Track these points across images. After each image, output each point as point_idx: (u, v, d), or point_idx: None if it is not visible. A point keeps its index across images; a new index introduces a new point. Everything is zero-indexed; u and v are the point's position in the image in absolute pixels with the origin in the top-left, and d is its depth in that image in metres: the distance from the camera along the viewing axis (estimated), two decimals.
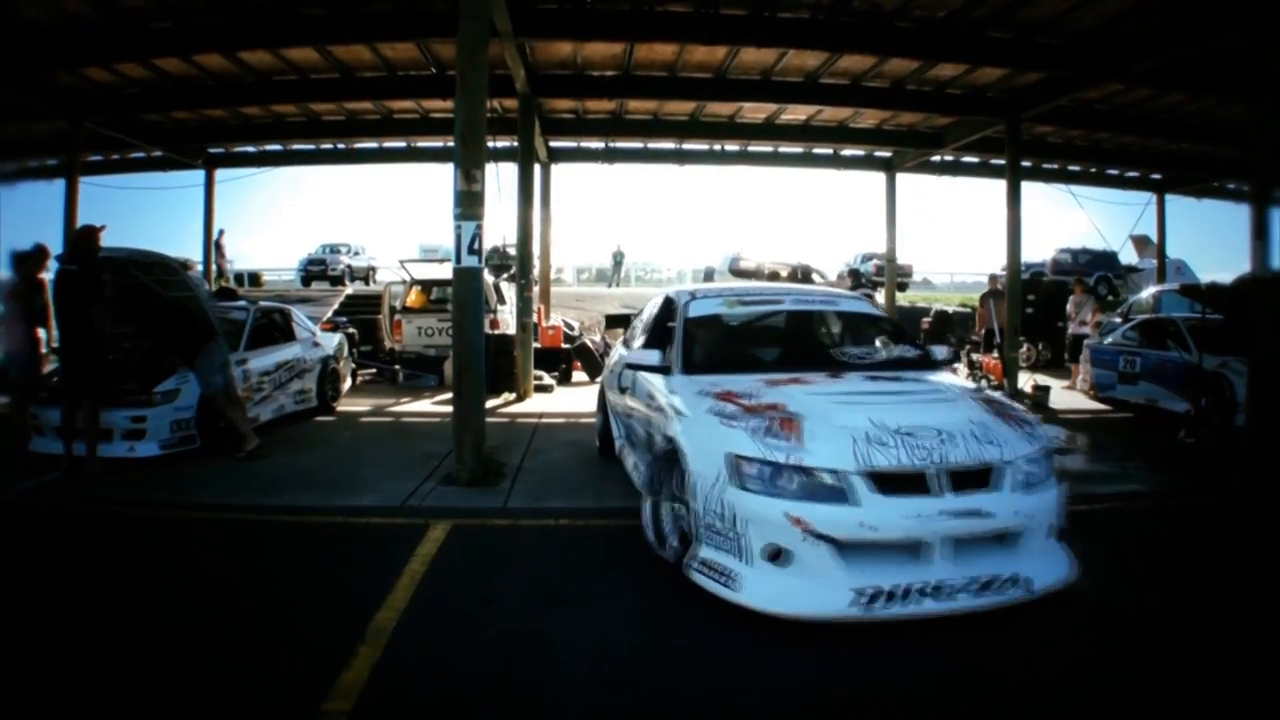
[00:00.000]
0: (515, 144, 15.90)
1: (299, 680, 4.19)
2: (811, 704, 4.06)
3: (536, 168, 17.62)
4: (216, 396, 9.55)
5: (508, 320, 16.71)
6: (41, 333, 9.22)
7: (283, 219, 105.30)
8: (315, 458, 9.66)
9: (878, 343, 7.72)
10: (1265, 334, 9.66)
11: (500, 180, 16.30)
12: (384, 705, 3.98)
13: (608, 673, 4.35)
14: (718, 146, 21.36)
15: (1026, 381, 15.17)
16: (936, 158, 21.38)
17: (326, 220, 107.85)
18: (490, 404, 12.37)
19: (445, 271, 15.06)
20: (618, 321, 17.40)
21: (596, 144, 21.33)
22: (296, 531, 6.92)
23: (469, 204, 8.49)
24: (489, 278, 16.28)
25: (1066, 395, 15.64)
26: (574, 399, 14.81)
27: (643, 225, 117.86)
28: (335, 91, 15.99)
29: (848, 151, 21.97)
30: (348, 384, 14.03)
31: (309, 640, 4.70)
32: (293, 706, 3.95)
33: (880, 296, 23.24)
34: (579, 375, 17.56)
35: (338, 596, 5.38)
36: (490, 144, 9.56)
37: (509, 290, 17.52)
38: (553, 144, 20.35)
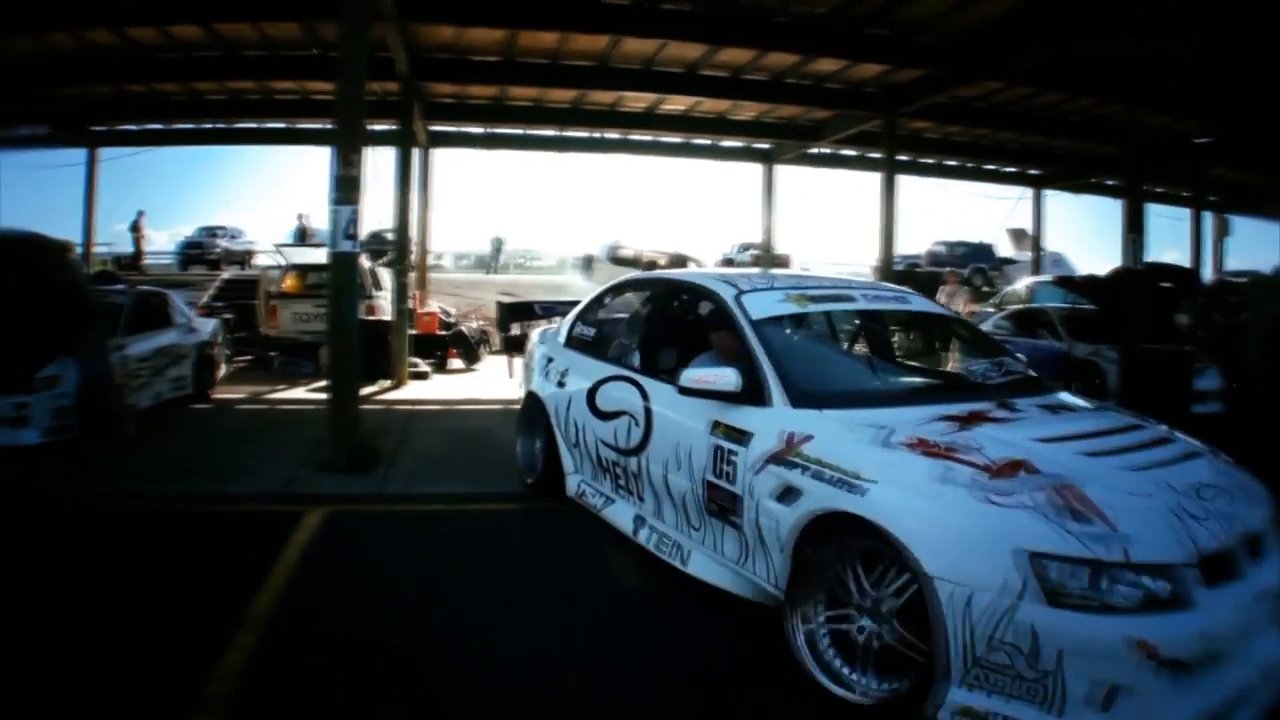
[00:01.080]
0: (395, 128, 15.76)
1: (179, 666, 4.14)
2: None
3: (416, 152, 17.50)
4: (97, 383, 9.29)
5: (384, 306, 16.52)
6: None
7: (164, 201, 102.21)
8: (192, 445, 9.47)
9: (979, 354, 5.97)
10: (1136, 324, 10.13)
11: (379, 164, 16.17)
12: (264, 687, 3.98)
13: (489, 655, 4.40)
14: (599, 135, 21.47)
15: None
16: (815, 150, 21.86)
17: (206, 203, 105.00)
18: (366, 391, 12.28)
19: (322, 256, 14.87)
20: (519, 312, 15.93)
21: (477, 129, 21.29)
22: (173, 519, 6.77)
23: (346, 188, 8.40)
24: (366, 263, 16.11)
25: None
26: (451, 386, 14.80)
27: (523, 212, 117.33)
28: (218, 70, 15.66)
29: (727, 143, 22.35)
30: (224, 370, 13.74)
31: (188, 627, 4.62)
32: (174, 691, 3.91)
33: None
34: (455, 362, 17.44)
35: (215, 583, 5.31)
36: (370, 127, 9.49)
37: (386, 276, 17.36)
38: (433, 128, 20.19)
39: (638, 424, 5.73)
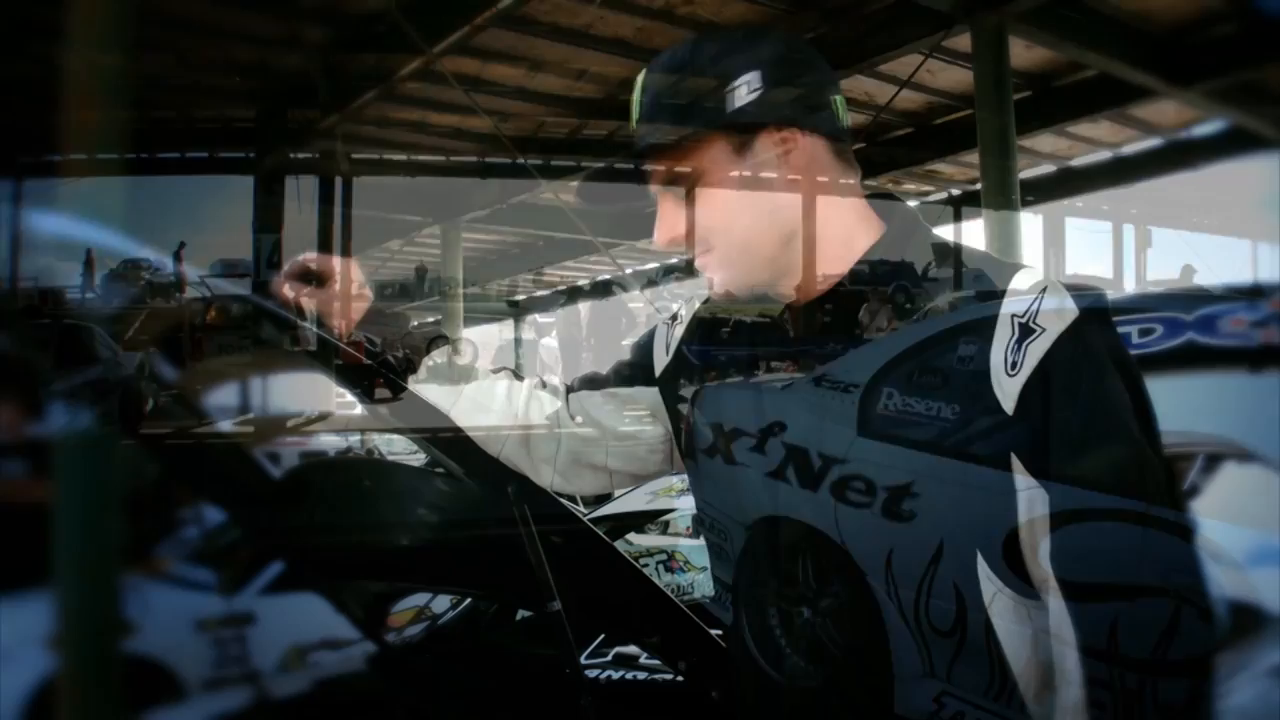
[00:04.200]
0: (317, 155, 15.54)
1: None
2: None
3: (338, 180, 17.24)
4: None
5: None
6: None
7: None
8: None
9: None
10: None
11: (302, 193, 15.95)
12: None
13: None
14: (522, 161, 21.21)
15: None
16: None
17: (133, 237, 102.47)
18: None
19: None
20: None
21: (401, 157, 20.89)
22: None
23: (269, 216, 8.35)
24: None
25: None
26: None
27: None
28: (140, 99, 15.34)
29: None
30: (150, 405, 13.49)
31: None
32: None
33: None
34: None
35: None
36: (292, 155, 9.41)
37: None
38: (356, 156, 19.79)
39: None
